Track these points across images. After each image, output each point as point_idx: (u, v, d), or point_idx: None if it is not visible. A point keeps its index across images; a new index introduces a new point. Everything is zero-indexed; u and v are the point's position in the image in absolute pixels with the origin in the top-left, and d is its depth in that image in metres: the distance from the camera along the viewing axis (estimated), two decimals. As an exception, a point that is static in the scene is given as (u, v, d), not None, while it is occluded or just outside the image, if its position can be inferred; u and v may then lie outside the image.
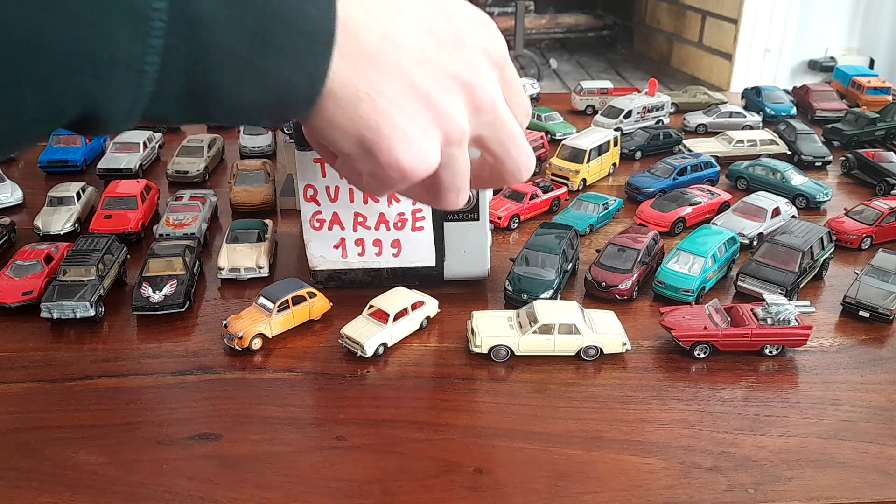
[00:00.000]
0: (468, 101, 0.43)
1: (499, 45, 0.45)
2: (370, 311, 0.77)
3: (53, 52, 0.28)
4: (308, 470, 0.60)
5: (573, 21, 4.04)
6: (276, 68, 0.34)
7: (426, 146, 0.41)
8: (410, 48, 0.39)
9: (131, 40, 0.29)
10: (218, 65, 0.32)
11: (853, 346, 0.78)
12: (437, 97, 0.41)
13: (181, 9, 0.30)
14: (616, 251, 0.88)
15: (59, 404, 0.68)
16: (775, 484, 0.59)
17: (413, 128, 0.40)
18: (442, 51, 0.41)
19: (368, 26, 0.37)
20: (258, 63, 0.34)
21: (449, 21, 0.42)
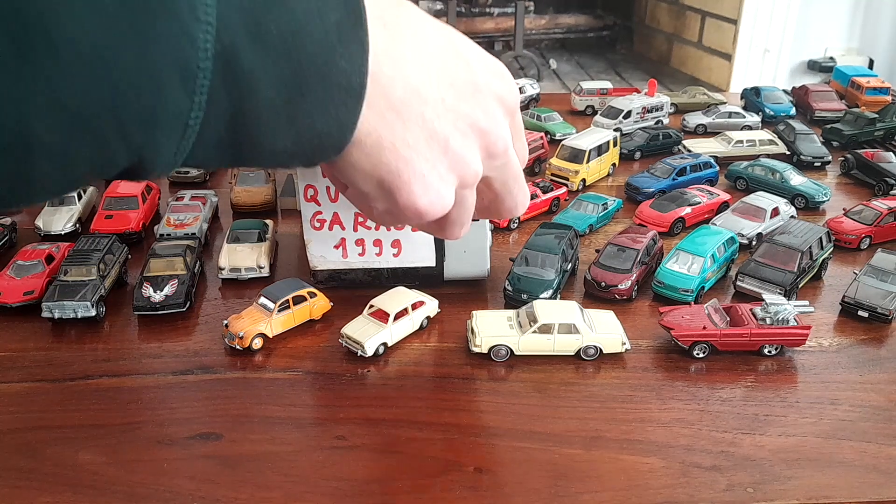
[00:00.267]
0: (483, 146, 0.46)
1: (512, 93, 0.47)
2: (370, 310, 0.77)
3: (112, 111, 0.30)
4: (308, 470, 0.60)
5: (573, 21, 4.04)
6: (310, 118, 0.36)
7: (443, 190, 0.44)
8: (433, 98, 0.42)
9: (180, 98, 0.31)
10: (256, 116, 0.34)
11: (852, 345, 0.78)
12: (456, 145, 0.43)
13: (226, 66, 0.32)
14: (615, 251, 0.88)
15: (59, 404, 0.68)
16: (774, 483, 0.59)
17: (432, 173, 0.43)
18: (462, 100, 0.43)
19: (395, 79, 0.39)
20: (293, 113, 0.35)
21: (468, 70, 0.44)
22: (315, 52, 0.35)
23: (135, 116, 0.30)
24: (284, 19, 0.33)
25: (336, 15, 0.36)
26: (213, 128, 0.33)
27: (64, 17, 0.27)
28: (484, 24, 3.93)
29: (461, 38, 0.45)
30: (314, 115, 0.36)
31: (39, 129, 0.28)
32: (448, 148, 0.43)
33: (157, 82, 0.30)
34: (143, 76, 0.29)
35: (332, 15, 0.35)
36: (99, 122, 0.29)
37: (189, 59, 0.30)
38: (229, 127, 0.34)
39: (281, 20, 0.33)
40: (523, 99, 1.53)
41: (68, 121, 0.29)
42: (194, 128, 0.32)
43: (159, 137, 0.32)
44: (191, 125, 0.32)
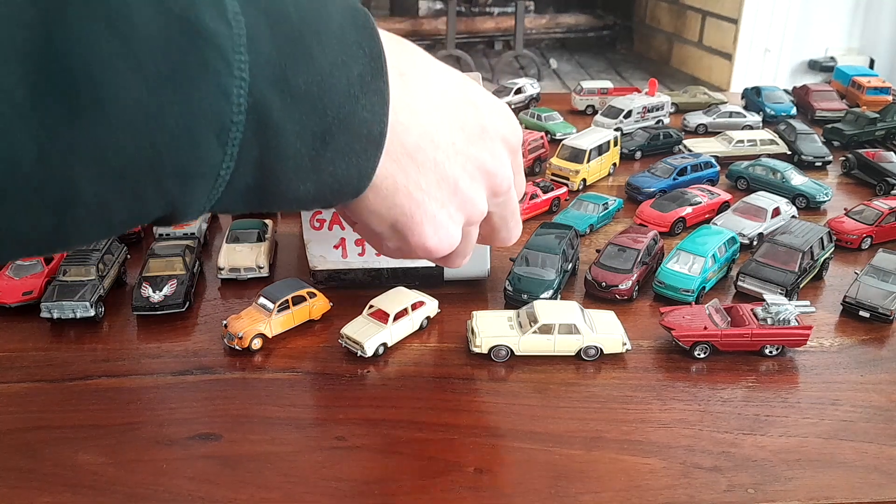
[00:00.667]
0: (488, 187, 0.48)
1: (516, 133, 0.50)
2: (370, 311, 0.77)
3: (151, 167, 0.31)
4: (308, 470, 0.60)
5: (573, 21, 4.04)
6: (332, 166, 0.38)
7: (451, 230, 0.47)
8: (445, 142, 0.44)
9: (213, 152, 0.32)
10: (282, 164, 0.35)
11: (853, 345, 0.78)
12: (465, 186, 0.46)
13: (256, 118, 0.33)
14: (616, 251, 0.88)
15: (58, 404, 0.68)
16: (775, 484, 0.59)
17: (442, 214, 0.45)
18: (471, 143, 0.46)
19: (411, 126, 0.42)
20: (317, 162, 0.37)
21: (477, 114, 0.46)
22: (339, 104, 0.36)
23: (172, 171, 0.31)
24: (311, 73, 0.35)
25: (359, 67, 0.37)
26: (241, 176, 0.34)
27: (112, 77, 0.28)
28: (484, 23, 3.93)
29: (469, 83, 0.48)
30: (336, 163, 0.38)
31: (83, 184, 0.29)
32: (458, 189, 0.45)
33: (194, 138, 0.31)
34: (181, 133, 0.31)
35: (356, 67, 0.37)
36: (138, 177, 0.31)
37: (224, 114, 0.32)
38: (256, 175, 0.35)
39: (308, 73, 0.35)
40: (524, 98, 1.53)
41: (110, 176, 0.30)
42: (225, 178, 0.34)
43: (193, 189, 0.33)
44: (222, 175, 0.33)
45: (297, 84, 0.34)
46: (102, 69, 0.28)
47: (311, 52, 0.35)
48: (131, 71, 0.28)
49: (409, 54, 0.43)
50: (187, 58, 0.30)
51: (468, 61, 3.42)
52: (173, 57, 0.30)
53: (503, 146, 0.49)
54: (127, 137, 0.29)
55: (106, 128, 0.28)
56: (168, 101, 0.30)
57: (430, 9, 4.03)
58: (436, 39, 3.77)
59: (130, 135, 0.29)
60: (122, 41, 0.28)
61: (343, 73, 0.36)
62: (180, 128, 0.31)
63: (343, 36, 0.37)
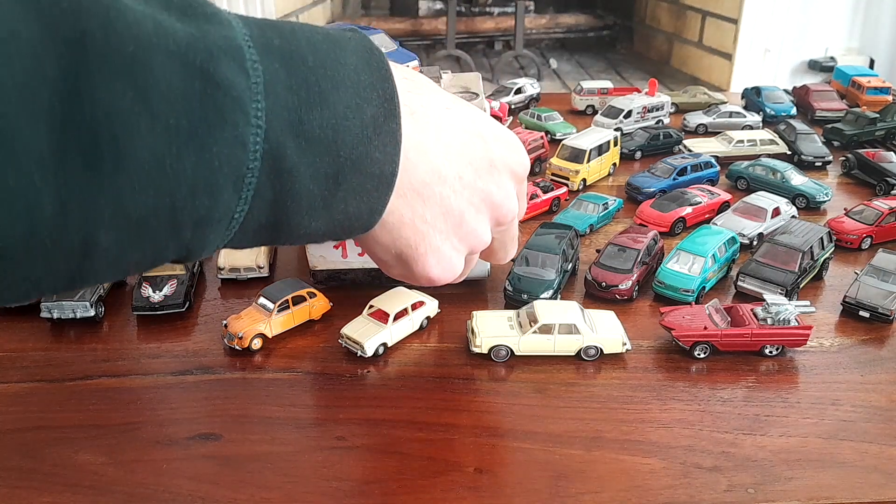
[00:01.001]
0: (493, 217, 0.49)
1: (523, 165, 0.52)
2: (370, 311, 0.77)
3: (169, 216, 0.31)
4: (308, 470, 0.60)
5: (573, 21, 4.04)
6: (344, 204, 0.39)
7: (455, 260, 0.48)
8: (452, 177, 0.45)
9: (229, 199, 0.33)
10: (295, 205, 0.36)
11: (853, 346, 0.78)
12: (470, 219, 0.47)
13: (271, 163, 0.33)
14: (616, 251, 0.88)
15: (59, 404, 0.68)
16: (775, 484, 0.59)
17: (446, 246, 0.47)
18: (478, 177, 0.47)
19: (419, 164, 0.43)
20: (329, 201, 0.38)
21: (485, 148, 0.47)
22: (352, 145, 0.37)
23: (188, 220, 0.32)
24: (326, 116, 0.36)
25: (372, 109, 0.38)
26: (255, 217, 0.35)
27: (131, 133, 0.28)
28: (484, 23, 3.93)
29: (479, 115, 0.49)
30: (348, 202, 0.39)
31: (101, 236, 0.30)
32: (463, 222, 0.46)
33: (211, 189, 0.32)
34: (199, 184, 0.31)
35: (369, 109, 0.38)
36: (155, 227, 0.31)
37: (241, 163, 0.32)
38: (269, 215, 0.36)
39: (323, 117, 0.35)
40: (524, 98, 1.53)
41: (127, 228, 0.30)
42: (238, 220, 0.35)
43: (208, 234, 0.34)
44: (236, 218, 0.34)
45: (312, 128, 0.35)
46: (123, 125, 0.28)
47: (326, 95, 0.36)
48: (151, 126, 0.29)
49: (420, 92, 0.44)
50: (206, 111, 0.30)
51: (468, 61, 3.42)
52: (193, 110, 0.30)
53: (510, 178, 0.50)
54: (145, 191, 0.30)
55: (125, 182, 0.29)
56: (186, 155, 0.30)
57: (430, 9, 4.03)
58: (436, 39, 3.77)
59: (149, 188, 0.30)
60: (142, 97, 0.28)
61: (357, 115, 0.37)
62: (198, 179, 0.31)
63: (357, 78, 0.38)
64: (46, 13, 0.26)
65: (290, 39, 0.36)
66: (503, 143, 0.49)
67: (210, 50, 0.31)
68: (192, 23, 0.31)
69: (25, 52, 0.26)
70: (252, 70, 0.33)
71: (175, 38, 0.30)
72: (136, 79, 0.28)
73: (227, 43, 0.32)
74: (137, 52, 0.28)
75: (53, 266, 0.29)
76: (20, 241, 0.27)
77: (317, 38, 0.38)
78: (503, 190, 0.49)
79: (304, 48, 0.36)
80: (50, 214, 0.27)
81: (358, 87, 0.38)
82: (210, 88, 0.31)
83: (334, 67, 0.37)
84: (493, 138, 0.48)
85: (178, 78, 0.30)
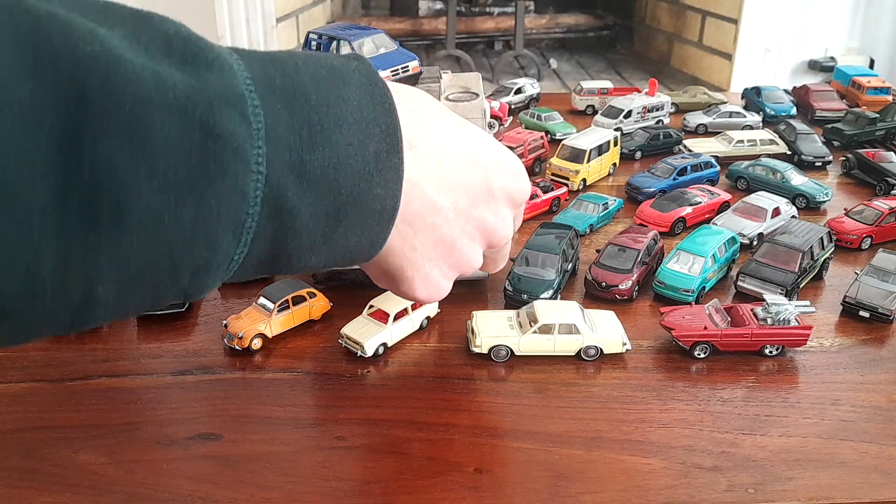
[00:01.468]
0: (486, 241, 0.50)
1: (523, 192, 0.52)
2: (370, 311, 0.77)
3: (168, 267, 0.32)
4: (308, 470, 0.60)
5: (573, 21, 4.03)
6: (344, 239, 0.39)
7: (442, 284, 0.48)
8: (447, 208, 0.45)
9: (228, 245, 0.33)
10: (296, 242, 0.36)
11: (853, 346, 0.78)
12: (462, 246, 0.47)
13: (272, 206, 0.33)
14: (616, 251, 0.88)
15: (59, 404, 0.68)
16: (775, 484, 0.59)
17: (434, 272, 0.47)
18: (474, 206, 0.47)
19: (415, 197, 0.43)
20: (329, 237, 0.38)
21: (485, 177, 0.47)
22: (354, 183, 0.37)
23: (186, 268, 0.32)
24: (328, 155, 0.35)
25: (375, 145, 0.38)
26: (254, 256, 0.35)
27: (132, 188, 0.28)
28: (484, 23, 3.93)
29: (481, 141, 0.48)
30: (348, 236, 0.39)
31: (100, 288, 0.30)
32: (454, 249, 0.47)
33: (210, 239, 0.32)
34: (199, 235, 0.31)
35: (372, 145, 0.38)
36: (155, 277, 0.31)
37: (241, 211, 0.32)
38: (269, 252, 0.36)
39: (324, 156, 0.35)
40: (524, 98, 1.53)
41: (126, 279, 0.30)
42: (238, 261, 0.35)
43: (206, 280, 0.34)
44: (235, 260, 0.34)
45: (314, 167, 0.35)
46: (122, 182, 0.28)
47: (328, 134, 0.35)
48: (150, 181, 0.29)
49: (423, 123, 0.44)
50: (206, 163, 0.30)
51: (468, 61, 3.42)
52: (192, 164, 0.30)
53: (507, 205, 0.50)
54: (145, 244, 0.30)
55: (125, 236, 0.29)
56: (185, 208, 0.30)
57: (430, 9, 4.03)
58: (436, 39, 3.77)
59: (148, 241, 0.30)
60: (141, 153, 0.28)
61: (359, 152, 0.37)
62: (197, 231, 0.31)
63: (360, 114, 0.37)
64: (46, 71, 0.26)
65: (293, 77, 0.36)
66: (504, 170, 0.49)
67: (210, 102, 0.31)
68: (193, 71, 0.31)
69: (25, 111, 0.26)
70: (253, 116, 0.32)
71: (175, 91, 0.30)
72: (135, 136, 0.28)
73: (228, 92, 0.32)
74: (136, 109, 0.28)
75: (53, 317, 0.30)
76: (20, 298, 0.28)
77: (320, 73, 0.37)
78: (499, 217, 0.49)
79: (306, 85, 0.36)
80: (50, 271, 0.28)
81: (361, 123, 0.37)
82: (210, 141, 0.30)
83: (337, 104, 0.36)
84: (494, 167, 0.48)
85: (178, 132, 0.29)
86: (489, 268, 0.62)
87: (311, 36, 0.84)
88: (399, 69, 0.81)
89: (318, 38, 0.83)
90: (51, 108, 0.26)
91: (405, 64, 0.82)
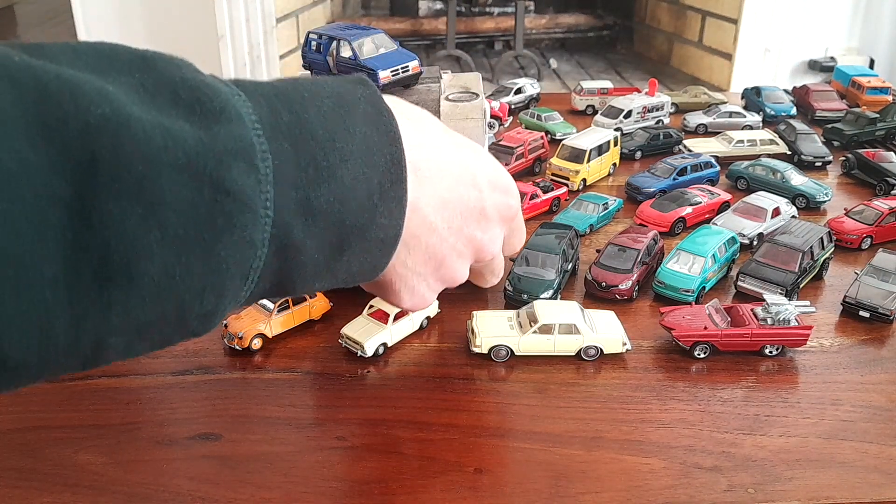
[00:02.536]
0: (474, 256, 0.50)
1: (514, 208, 0.53)
2: (370, 311, 0.77)
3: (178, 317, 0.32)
4: (308, 470, 0.60)
5: (573, 21, 4.03)
6: (347, 266, 0.40)
7: (428, 296, 0.49)
8: (441, 227, 0.45)
9: (235, 290, 0.34)
10: (299, 272, 0.36)
11: (853, 345, 0.78)
12: (451, 262, 0.48)
13: (278, 243, 0.34)
14: (616, 251, 0.88)
15: (59, 404, 0.68)
16: (775, 484, 0.59)
17: (422, 286, 0.47)
18: (466, 225, 0.47)
19: (412, 219, 0.43)
20: (333, 266, 0.39)
21: (479, 198, 0.48)
22: (358, 214, 0.37)
23: (195, 315, 0.33)
24: (333, 190, 0.36)
25: (379, 175, 0.38)
26: (259, 288, 0.36)
27: (141, 249, 0.29)
28: (484, 23, 3.93)
29: (477, 160, 0.49)
30: (352, 263, 0.40)
31: (111, 341, 0.31)
32: (443, 265, 0.47)
33: (219, 287, 0.32)
34: (207, 286, 0.32)
35: (376, 176, 0.38)
36: (164, 328, 0.32)
37: (249, 257, 0.33)
38: (273, 282, 0.36)
39: (330, 191, 0.36)
40: (523, 98, 1.53)
41: (136, 331, 0.31)
42: (244, 298, 0.35)
43: (214, 320, 0.35)
44: (243, 296, 0.35)
45: (320, 203, 0.35)
46: (132, 243, 0.28)
47: (334, 170, 0.36)
48: (160, 240, 0.29)
49: (426, 147, 0.44)
50: (215, 219, 0.31)
51: (468, 61, 3.42)
52: (201, 220, 0.30)
53: (499, 223, 0.51)
54: (154, 300, 0.30)
55: (135, 296, 0.29)
56: (195, 262, 0.31)
57: (430, 9, 4.03)
58: (436, 39, 3.77)
59: (158, 298, 0.30)
60: (152, 213, 0.29)
61: (364, 185, 0.37)
62: (206, 283, 0.32)
63: (366, 146, 0.37)
64: (56, 136, 0.26)
65: (300, 112, 0.35)
66: (498, 189, 0.50)
67: (219, 157, 0.31)
68: (202, 124, 0.31)
69: (36, 178, 0.26)
70: (262, 162, 0.32)
71: (184, 148, 0.30)
72: (146, 197, 0.28)
73: (237, 144, 0.32)
74: (147, 171, 0.28)
75: (66, 367, 0.31)
76: (35, 356, 0.28)
77: (326, 104, 0.37)
78: (488, 234, 0.50)
79: (312, 120, 0.36)
80: (63, 330, 0.28)
81: (367, 154, 0.37)
82: (220, 196, 0.31)
83: (343, 138, 0.36)
84: (488, 187, 0.49)
85: (187, 190, 0.30)
86: (478, 282, 0.63)
87: (311, 36, 0.83)
88: (399, 69, 0.81)
89: (318, 38, 0.82)
90: (61, 173, 0.26)
91: (405, 64, 0.82)
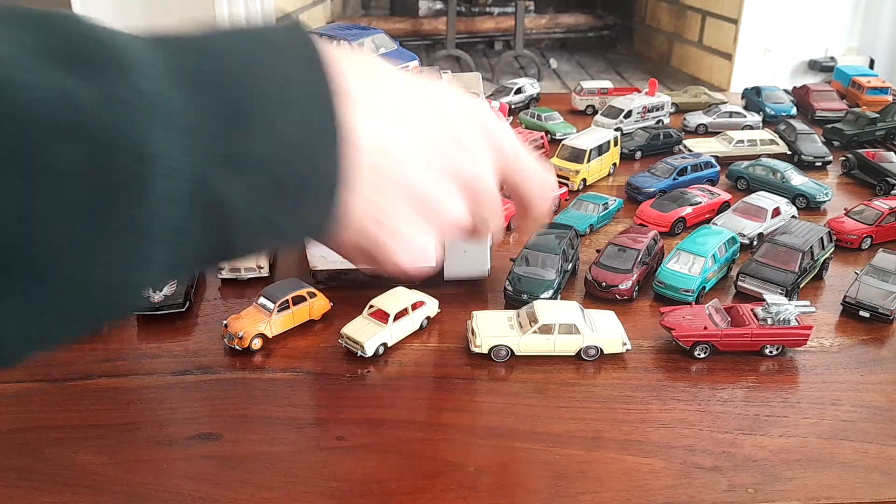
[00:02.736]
0: (466, 192, 0.46)
1: (493, 128, 0.47)
2: (370, 311, 0.77)
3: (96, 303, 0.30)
4: (308, 470, 0.60)
5: (573, 21, 4.03)
6: (295, 218, 0.36)
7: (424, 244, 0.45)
8: (413, 165, 0.42)
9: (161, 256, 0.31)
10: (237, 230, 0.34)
11: (853, 345, 0.78)
12: (435, 196, 0.44)
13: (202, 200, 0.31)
14: (616, 251, 0.88)
15: (59, 404, 0.68)
16: (775, 484, 0.59)
17: (411, 231, 0.44)
18: (442, 157, 0.44)
19: (375, 157, 0.39)
20: (271, 219, 0.35)
21: (448, 126, 0.44)
22: (291, 160, 0.34)
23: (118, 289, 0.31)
24: (259, 136, 0.33)
25: (313, 115, 0.35)
26: (193, 252, 0.33)
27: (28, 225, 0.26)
28: (484, 23, 3.93)
29: (436, 90, 0.46)
30: (298, 215, 0.36)
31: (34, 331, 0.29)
32: (429, 206, 0.44)
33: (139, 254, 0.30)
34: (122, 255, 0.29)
35: (309, 116, 0.35)
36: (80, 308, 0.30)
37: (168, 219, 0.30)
38: (210, 245, 0.33)
39: (256, 139, 0.33)
40: (524, 98, 1.53)
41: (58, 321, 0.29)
42: (179, 263, 0.32)
43: (137, 301, 0.33)
44: (174, 263, 0.32)
45: (246, 151, 0.32)
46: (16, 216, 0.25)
47: (261, 116, 0.33)
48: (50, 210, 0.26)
49: (368, 81, 0.41)
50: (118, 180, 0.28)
51: (468, 61, 3.42)
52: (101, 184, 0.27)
53: (480, 152, 0.46)
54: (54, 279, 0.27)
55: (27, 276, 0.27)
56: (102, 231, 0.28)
57: (430, 9, 4.03)
58: (436, 39, 3.77)
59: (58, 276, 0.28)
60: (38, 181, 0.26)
61: (296, 128, 0.34)
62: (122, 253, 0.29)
63: (298, 88, 0.35)
64: None
65: (214, 55, 0.33)
66: (467, 116, 0.46)
67: (121, 112, 0.27)
68: (95, 77, 0.27)
69: None
70: (171, 115, 0.29)
71: (76, 106, 0.26)
72: (28, 163, 0.25)
73: (142, 97, 0.28)
74: (28, 134, 0.25)
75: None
76: None
77: (250, 47, 0.34)
78: (471, 165, 0.46)
79: (234, 65, 0.33)
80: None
81: (298, 97, 0.34)
82: (122, 155, 0.27)
83: (270, 80, 0.34)
84: (455, 115, 0.45)
85: (80, 151, 0.26)
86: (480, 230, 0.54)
87: (311, 36, 0.83)
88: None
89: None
90: None
91: (405, 64, 0.82)
